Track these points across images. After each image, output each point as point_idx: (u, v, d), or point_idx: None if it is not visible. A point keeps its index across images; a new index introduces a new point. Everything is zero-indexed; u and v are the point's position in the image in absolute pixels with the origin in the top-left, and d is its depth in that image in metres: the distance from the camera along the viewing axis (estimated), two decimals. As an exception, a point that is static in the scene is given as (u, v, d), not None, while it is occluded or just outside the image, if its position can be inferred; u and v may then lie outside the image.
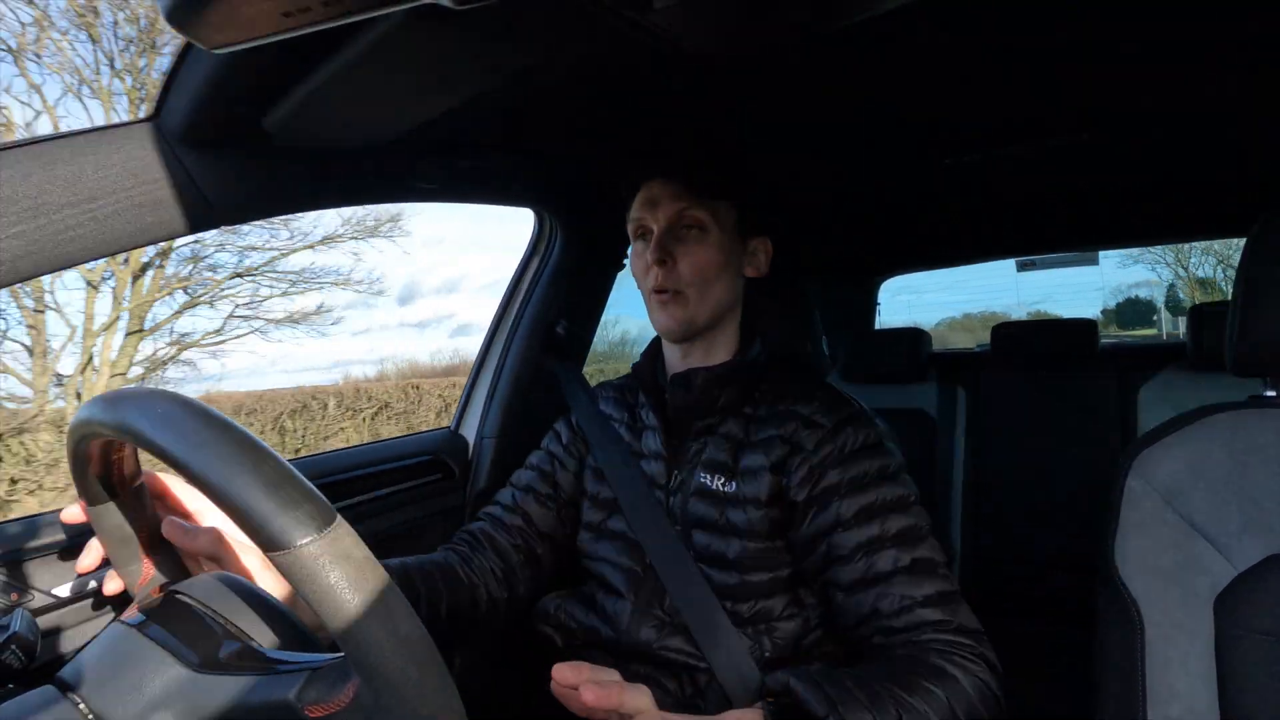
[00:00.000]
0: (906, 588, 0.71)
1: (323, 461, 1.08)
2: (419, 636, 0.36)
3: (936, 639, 0.69)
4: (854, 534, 0.75)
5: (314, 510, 0.36)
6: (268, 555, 0.35)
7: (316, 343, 13.12)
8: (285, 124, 0.71)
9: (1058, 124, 1.03)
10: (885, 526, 0.74)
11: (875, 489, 0.77)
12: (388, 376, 10.12)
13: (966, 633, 0.70)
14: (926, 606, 0.70)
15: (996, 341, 2.12)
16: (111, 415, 0.41)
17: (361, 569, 0.36)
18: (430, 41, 0.58)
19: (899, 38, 0.74)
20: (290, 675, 0.39)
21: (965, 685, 0.65)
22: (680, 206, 0.84)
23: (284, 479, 0.36)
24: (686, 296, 0.85)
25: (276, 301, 7.60)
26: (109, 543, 0.55)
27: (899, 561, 0.73)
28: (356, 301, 7.28)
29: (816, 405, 0.83)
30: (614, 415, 0.99)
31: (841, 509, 0.76)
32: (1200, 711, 0.70)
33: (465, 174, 0.98)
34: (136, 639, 0.42)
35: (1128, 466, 0.78)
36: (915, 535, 0.75)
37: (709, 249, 0.85)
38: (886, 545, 0.74)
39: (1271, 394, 0.77)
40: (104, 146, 0.65)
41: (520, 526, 0.95)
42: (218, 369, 11.22)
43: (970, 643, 0.69)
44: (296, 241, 7.41)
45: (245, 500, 0.35)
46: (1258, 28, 0.76)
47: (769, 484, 0.81)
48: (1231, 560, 0.71)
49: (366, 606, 0.35)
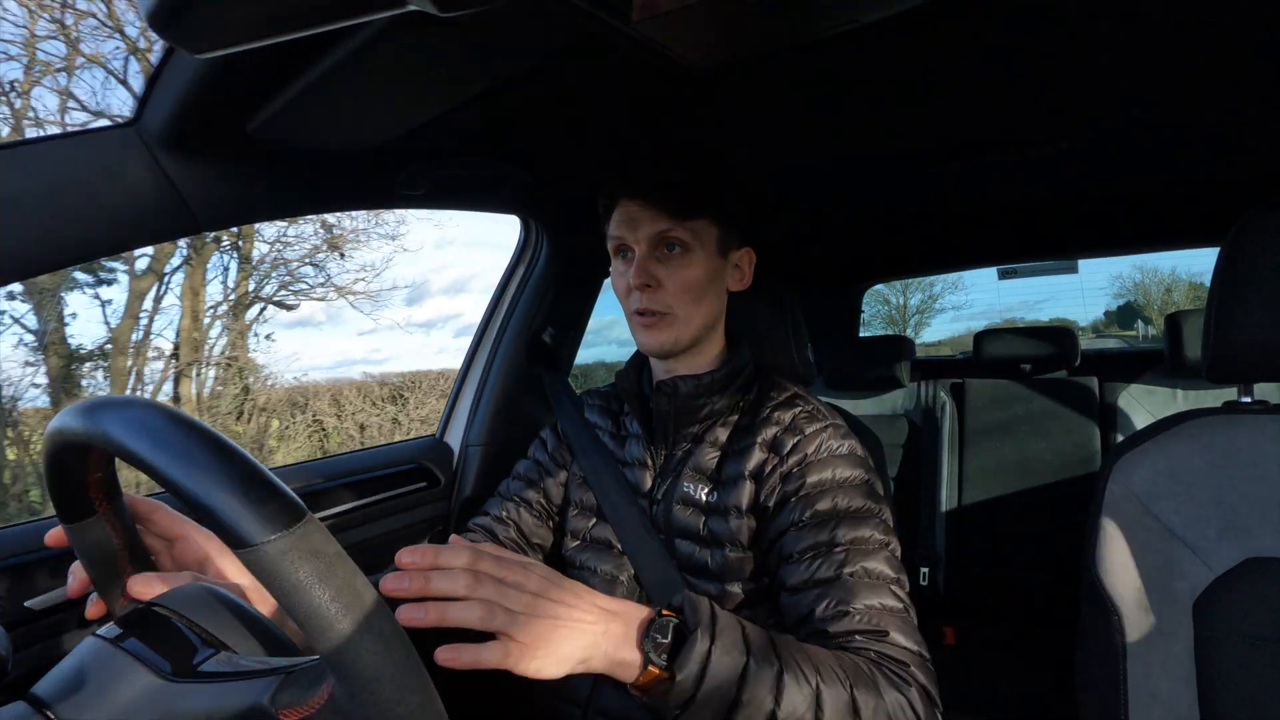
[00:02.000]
0: (845, 595, 0.69)
1: (305, 469, 1.07)
2: (394, 633, 0.36)
3: (866, 649, 0.66)
4: (805, 536, 0.74)
5: (281, 506, 0.35)
6: (236, 553, 0.34)
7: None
8: (269, 129, 0.70)
9: (1037, 133, 1.05)
10: (836, 533, 0.73)
11: (834, 496, 0.76)
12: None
13: (902, 650, 0.66)
14: (863, 617, 0.68)
15: (979, 348, 2.14)
16: (84, 422, 0.40)
17: (332, 565, 0.35)
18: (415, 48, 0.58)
19: (882, 48, 0.75)
20: (263, 679, 0.38)
21: (885, 698, 0.61)
22: (661, 227, 0.82)
23: (250, 476, 0.36)
24: (675, 316, 0.83)
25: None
26: (89, 562, 0.53)
27: (843, 568, 0.71)
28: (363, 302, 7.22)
29: (797, 413, 0.84)
30: (599, 423, 0.99)
31: (797, 512, 0.75)
32: (1181, 714, 0.71)
33: (451, 181, 0.98)
34: (110, 652, 0.41)
35: (1107, 472, 0.79)
36: (868, 548, 0.73)
37: (694, 268, 0.83)
38: (834, 551, 0.72)
39: (1247, 400, 0.79)
40: (83, 150, 0.64)
41: (512, 538, 0.95)
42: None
43: (902, 661, 0.65)
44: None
45: (211, 499, 0.35)
46: (1235, 41, 0.77)
47: (748, 492, 0.81)
48: (1209, 564, 0.72)
49: (338, 603, 0.34)
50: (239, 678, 0.39)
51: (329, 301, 7.21)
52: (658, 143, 0.98)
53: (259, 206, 0.82)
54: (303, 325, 12.58)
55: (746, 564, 0.80)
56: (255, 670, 0.40)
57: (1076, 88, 0.90)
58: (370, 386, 7.26)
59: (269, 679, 0.38)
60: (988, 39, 0.75)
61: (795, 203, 1.40)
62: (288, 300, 6.86)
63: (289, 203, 0.86)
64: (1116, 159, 1.21)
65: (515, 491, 0.98)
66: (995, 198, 1.46)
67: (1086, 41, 0.77)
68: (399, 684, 0.35)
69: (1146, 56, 0.81)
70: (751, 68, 0.77)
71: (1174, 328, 1.76)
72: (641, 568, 0.85)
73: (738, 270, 0.90)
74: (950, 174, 1.23)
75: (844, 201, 1.44)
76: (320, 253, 6.88)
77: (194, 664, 0.41)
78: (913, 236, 1.87)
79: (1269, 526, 0.71)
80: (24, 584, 0.69)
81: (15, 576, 0.69)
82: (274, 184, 0.81)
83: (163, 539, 0.61)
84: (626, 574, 0.86)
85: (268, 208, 0.83)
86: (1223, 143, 1.14)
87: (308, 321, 13.39)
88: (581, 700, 0.85)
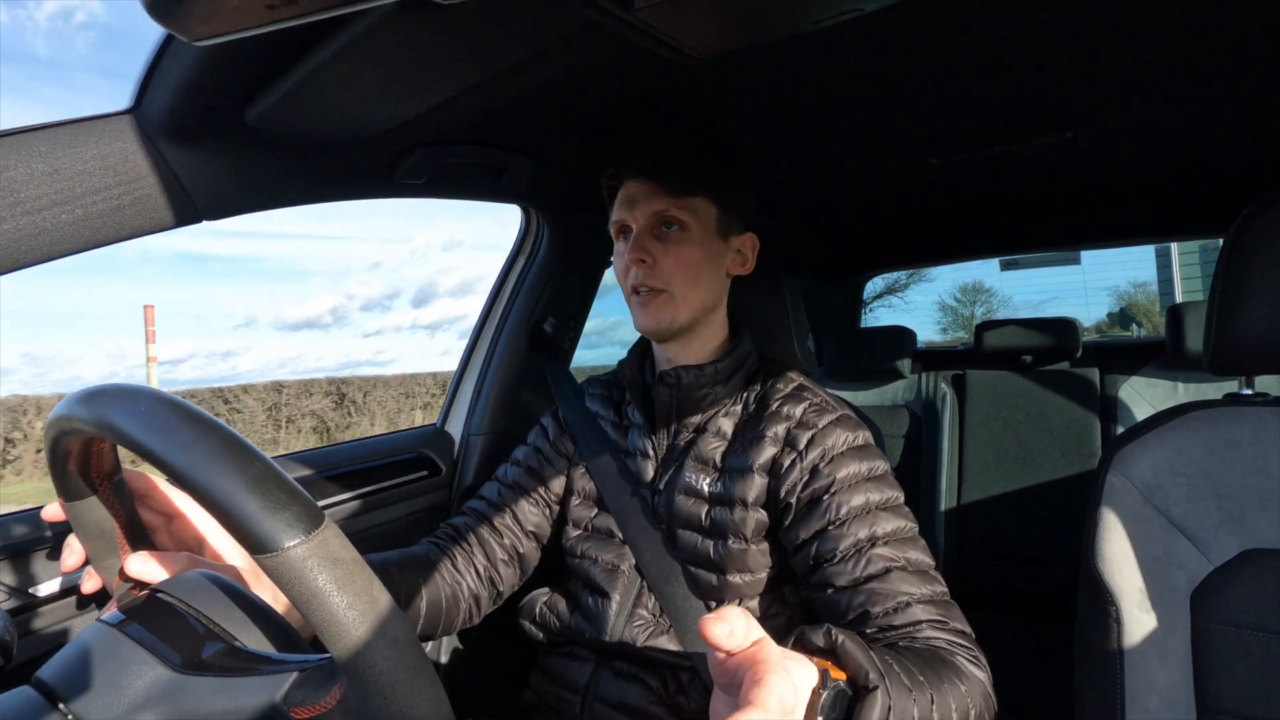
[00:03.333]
0: (903, 585, 0.71)
1: (306, 459, 1.07)
2: (408, 639, 0.36)
3: (937, 637, 0.68)
4: (847, 535, 0.74)
5: (301, 511, 0.35)
6: (254, 558, 0.34)
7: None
8: (268, 117, 0.70)
9: (1043, 124, 1.04)
10: (876, 528, 0.74)
11: (865, 490, 0.77)
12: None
13: (963, 635, 0.69)
14: (924, 604, 0.70)
15: (980, 339, 2.14)
16: (93, 413, 0.40)
17: (350, 572, 0.35)
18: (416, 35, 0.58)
19: (886, 37, 0.74)
20: (276, 676, 0.38)
21: (974, 684, 0.64)
22: (659, 205, 0.84)
23: (271, 480, 0.36)
24: (671, 294, 0.84)
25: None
26: (87, 539, 0.53)
27: (894, 562, 0.72)
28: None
29: (807, 406, 0.84)
30: (601, 412, 0.99)
31: (833, 511, 0.76)
32: (1178, 703, 0.71)
33: (451, 170, 0.98)
34: (117, 638, 0.41)
35: (1108, 463, 0.79)
36: (906, 537, 0.75)
37: (691, 247, 0.84)
38: (879, 545, 0.73)
39: (1248, 392, 0.79)
40: (81, 138, 0.64)
41: (507, 524, 0.95)
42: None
43: (970, 645, 0.68)
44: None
45: (231, 502, 0.35)
46: (1238, 32, 0.77)
47: (758, 486, 0.81)
48: (1208, 555, 0.72)
49: (355, 610, 0.34)
50: (250, 673, 0.39)
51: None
52: (659, 129, 0.97)
53: (259, 196, 0.81)
54: (310, 327, 12.62)
55: (748, 555, 0.80)
56: (266, 665, 0.40)
57: (1079, 78, 0.89)
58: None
59: (281, 675, 0.38)
60: (990, 28, 0.74)
61: (796, 192, 1.40)
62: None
63: (289, 192, 0.85)
64: (1119, 150, 1.20)
65: (513, 478, 0.98)
66: (998, 188, 1.46)
67: (1089, 31, 0.76)
68: (412, 689, 0.35)
69: (1150, 47, 0.80)
70: (753, 56, 0.77)
71: (1175, 320, 1.76)
72: (642, 557, 0.85)
73: (739, 255, 0.90)
74: (952, 165, 1.23)
75: (845, 192, 1.43)
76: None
77: (202, 656, 0.41)
78: (914, 227, 1.87)
79: (1267, 518, 0.71)
80: (24, 568, 0.70)
81: (15, 561, 0.70)
82: (274, 173, 0.80)
83: (161, 515, 0.61)
84: (628, 563, 0.87)
85: (268, 197, 0.83)
86: (1226, 135, 1.13)
87: (314, 323, 13.41)
88: (580, 687, 0.85)
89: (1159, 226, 1.89)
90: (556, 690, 0.88)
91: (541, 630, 0.92)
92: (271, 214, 4.86)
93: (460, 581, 0.89)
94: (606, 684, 0.84)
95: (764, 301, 1.02)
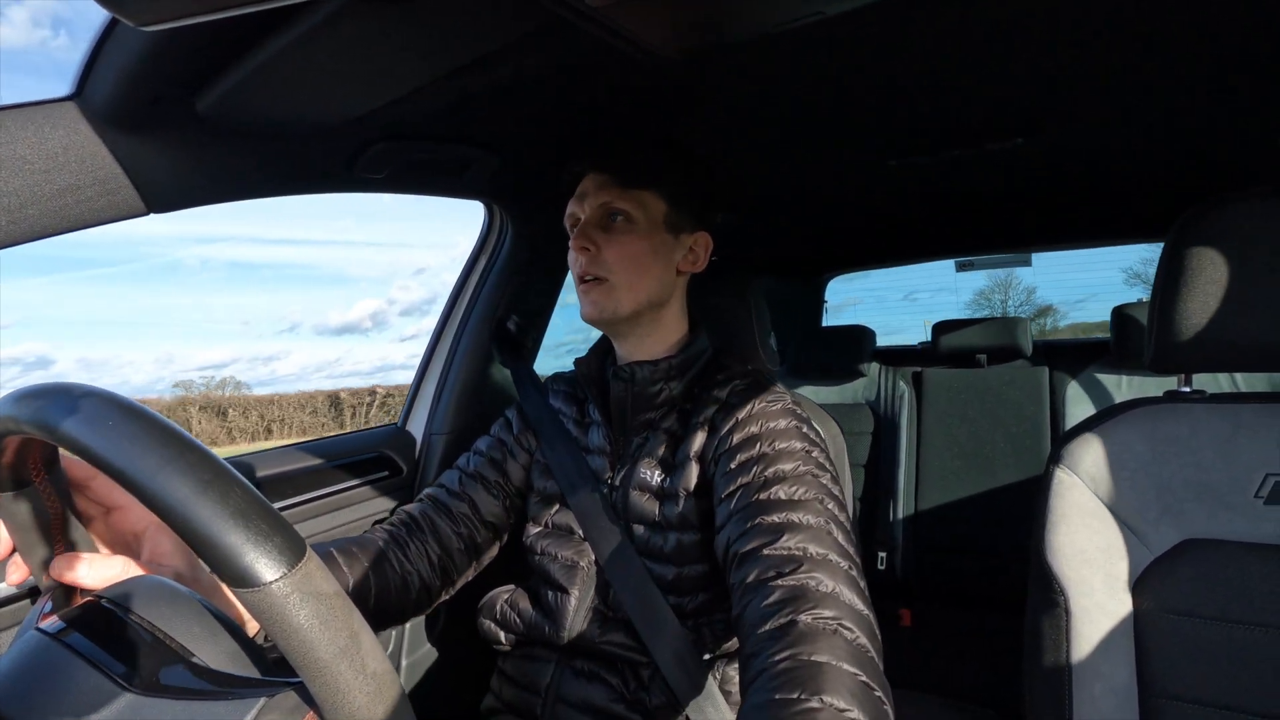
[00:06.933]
0: (763, 514, 0.69)
1: (264, 458, 1.04)
2: (385, 672, 0.35)
3: (789, 583, 0.62)
4: (734, 478, 0.74)
5: (284, 543, 0.34)
6: (234, 591, 0.33)
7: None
8: (220, 107, 0.68)
9: (993, 131, 1.08)
10: (761, 469, 0.73)
11: (760, 442, 0.76)
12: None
13: (823, 561, 0.64)
14: (789, 536, 0.66)
15: (936, 339, 2.20)
16: (38, 415, 0.37)
17: (332, 606, 0.34)
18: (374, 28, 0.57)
19: (846, 41, 0.76)
20: (240, 700, 0.36)
21: (825, 636, 0.57)
22: (606, 197, 0.85)
23: (253, 509, 0.34)
24: (612, 284, 0.84)
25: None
26: (17, 530, 0.49)
27: (762, 492, 0.71)
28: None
29: (734, 386, 0.85)
30: (563, 409, 0.99)
31: (726, 462, 0.76)
32: (1120, 687, 0.74)
33: (414, 164, 0.96)
34: (59, 651, 0.38)
35: (1056, 458, 0.82)
36: (791, 474, 0.73)
37: (635, 238, 0.85)
38: (758, 482, 0.73)
39: (1187, 390, 0.82)
40: (18, 124, 0.61)
41: (465, 514, 0.93)
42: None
43: (825, 590, 0.61)
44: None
45: (211, 532, 0.32)
46: (1180, 47, 0.80)
47: (695, 473, 0.81)
48: (1149, 545, 0.76)
49: (336, 645, 0.33)
50: (213, 696, 0.37)
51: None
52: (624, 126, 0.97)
53: (211, 188, 0.79)
54: (350, 332, 12.22)
55: (701, 547, 0.81)
56: (230, 687, 0.38)
57: (1027, 89, 0.92)
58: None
59: (247, 702, 0.36)
60: (945, 38, 0.76)
61: (759, 192, 1.41)
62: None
63: (243, 185, 0.83)
64: (1067, 157, 1.24)
65: (475, 467, 0.97)
66: (953, 192, 1.50)
67: (1038, 45, 0.79)
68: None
69: (1095, 61, 0.84)
70: (718, 57, 0.77)
71: (1119, 321, 1.83)
72: (601, 554, 0.85)
73: (690, 253, 0.91)
74: (909, 167, 1.25)
75: (807, 192, 1.45)
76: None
77: (159, 677, 0.38)
78: (873, 229, 1.90)
79: (1204, 509, 0.74)
80: None
81: None
82: (227, 165, 0.78)
83: (99, 505, 0.57)
84: (587, 560, 0.87)
85: (220, 189, 0.80)
86: (1168, 144, 1.18)
87: (355, 328, 12.97)
88: (542, 688, 0.85)
89: (1106, 230, 1.96)
90: (518, 692, 0.87)
91: (503, 629, 0.91)
92: (324, 222, 4.13)
93: (410, 571, 0.87)
94: (568, 684, 0.84)
95: (727, 300, 1.03)
